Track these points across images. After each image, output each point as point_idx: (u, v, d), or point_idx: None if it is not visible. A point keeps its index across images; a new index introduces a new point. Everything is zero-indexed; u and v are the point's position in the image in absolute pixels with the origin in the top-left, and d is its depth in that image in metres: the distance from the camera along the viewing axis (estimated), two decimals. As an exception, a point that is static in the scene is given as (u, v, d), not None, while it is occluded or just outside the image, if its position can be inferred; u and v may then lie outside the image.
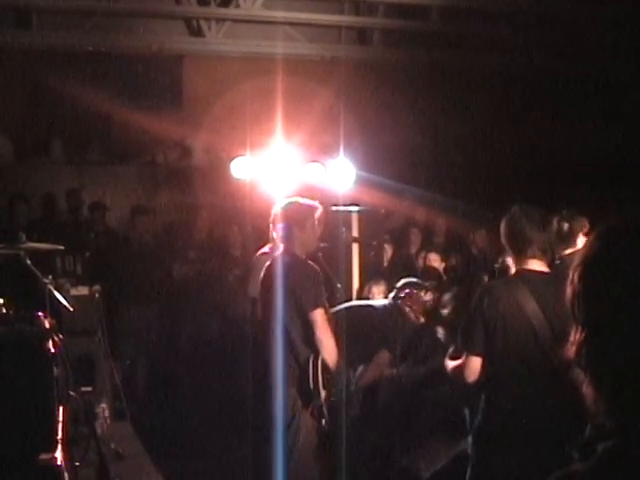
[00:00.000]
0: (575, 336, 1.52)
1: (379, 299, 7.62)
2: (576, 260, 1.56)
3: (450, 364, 4.88)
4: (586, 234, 6.64)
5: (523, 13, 12.23)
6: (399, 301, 7.04)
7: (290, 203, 5.88)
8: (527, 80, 12.64)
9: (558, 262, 6.94)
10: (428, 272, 8.75)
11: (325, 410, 5.73)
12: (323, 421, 5.76)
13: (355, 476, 6.33)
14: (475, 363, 4.51)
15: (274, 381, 5.62)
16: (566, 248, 6.65)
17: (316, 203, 5.91)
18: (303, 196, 6.16)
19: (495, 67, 12.58)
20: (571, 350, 1.52)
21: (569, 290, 1.55)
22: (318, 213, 5.86)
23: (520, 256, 4.60)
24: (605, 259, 1.51)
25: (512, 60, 12.55)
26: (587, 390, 1.49)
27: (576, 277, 1.54)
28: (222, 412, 7.21)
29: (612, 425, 1.46)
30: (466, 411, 5.94)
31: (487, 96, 12.60)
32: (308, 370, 5.66)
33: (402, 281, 7.32)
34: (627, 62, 12.34)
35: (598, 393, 1.48)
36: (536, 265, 4.58)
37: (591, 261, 1.53)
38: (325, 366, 5.72)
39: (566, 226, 6.71)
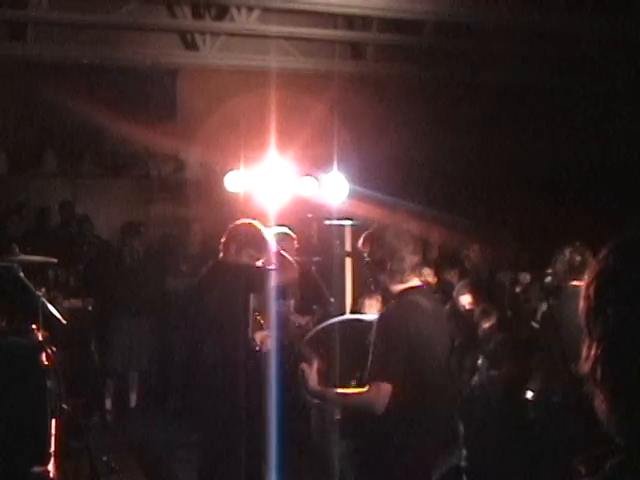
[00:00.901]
0: (589, 352, 1.50)
1: (372, 313, 7.59)
2: (589, 275, 1.54)
3: (329, 397, 4.52)
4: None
5: (516, 28, 12.28)
6: None
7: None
8: (520, 95, 12.69)
9: (558, 291, 6.92)
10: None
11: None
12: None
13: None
14: (387, 392, 4.15)
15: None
16: (574, 279, 6.55)
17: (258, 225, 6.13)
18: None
19: (488, 82, 12.62)
20: (585, 366, 1.50)
21: (584, 305, 1.53)
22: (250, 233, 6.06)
23: (399, 274, 4.38)
24: (621, 273, 1.49)
25: (505, 75, 12.60)
26: (601, 405, 1.47)
27: (591, 292, 1.52)
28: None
29: (622, 441, 1.44)
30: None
31: (480, 110, 12.65)
32: None
33: None
34: (620, 76, 12.40)
35: (612, 408, 1.45)
36: (417, 282, 4.46)
37: (606, 276, 1.51)
38: None
39: (578, 258, 6.58)
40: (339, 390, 4.47)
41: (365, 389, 4.25)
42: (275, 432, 5.53)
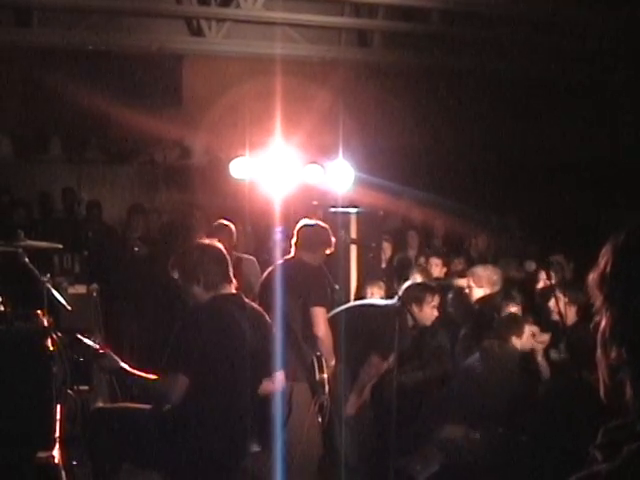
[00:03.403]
0: (611, 334, 1.46)
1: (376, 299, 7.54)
2: (605, 256, 1.51)
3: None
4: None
5: (523, 17, 12.23)
6: (399, 303, 6.96)
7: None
8: (526, 83, 12.65)
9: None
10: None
11: (326, 407, 5.76)
12: (319, 417, 5.78)
13: (353, 474, 6.33)
14: (183, 383, 4.40)
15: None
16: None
17: None
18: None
19: (494, 70, 12.58)
20: (610, 350, 1.46)
21: (600, 281, 1.50)
22: None
23: (215, 284, 4.65)
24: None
25: (511, 63, 12.56)
26: (627, 389, 1.44)
27: (607, 275, 1.48)
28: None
29: None
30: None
31: (486, 99, 12.61)
32: (314, 365, 5.76)
33: (408, 282, 7.19)
34: (624, 67, 12.36)
35: (636, 391, 1.43)
36: (232, 289, 4.68)
37: (631, 256, 1.47)
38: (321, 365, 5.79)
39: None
40: (142, 374, 4.64)
41: (163, 377, 4.47)
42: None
